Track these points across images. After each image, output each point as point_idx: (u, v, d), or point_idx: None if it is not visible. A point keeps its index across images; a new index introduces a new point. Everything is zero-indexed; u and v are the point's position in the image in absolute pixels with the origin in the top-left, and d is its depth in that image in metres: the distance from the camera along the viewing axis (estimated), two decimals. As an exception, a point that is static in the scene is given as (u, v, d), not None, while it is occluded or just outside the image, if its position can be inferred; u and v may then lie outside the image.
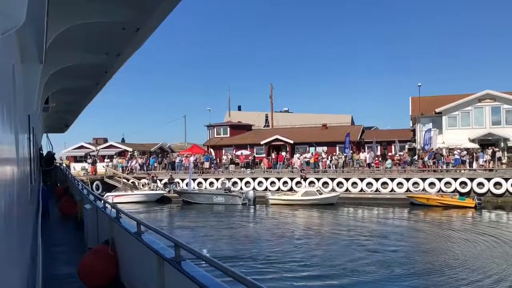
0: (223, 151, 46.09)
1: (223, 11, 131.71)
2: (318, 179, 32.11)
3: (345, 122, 56.64)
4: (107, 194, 33.47)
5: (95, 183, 35.94)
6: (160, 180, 35.77)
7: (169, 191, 34.15)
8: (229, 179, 34.38)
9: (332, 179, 31.69)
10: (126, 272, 5.36)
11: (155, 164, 41.13)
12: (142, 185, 36.01)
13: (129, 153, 47.02)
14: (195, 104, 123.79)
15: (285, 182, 32.90)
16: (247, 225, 23.85)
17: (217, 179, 34.93)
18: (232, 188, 33.10)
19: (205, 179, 35.38)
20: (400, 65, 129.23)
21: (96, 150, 48.78)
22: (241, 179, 34.24)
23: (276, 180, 33.18)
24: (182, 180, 35.88)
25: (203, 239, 20.24)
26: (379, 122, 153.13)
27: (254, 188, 32.97)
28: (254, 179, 33.89)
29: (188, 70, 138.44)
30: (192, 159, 37.36)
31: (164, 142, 58.16)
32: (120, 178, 37.17)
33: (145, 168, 39.62)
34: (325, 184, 31.79)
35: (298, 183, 32.42)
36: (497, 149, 33.27)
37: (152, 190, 34.42)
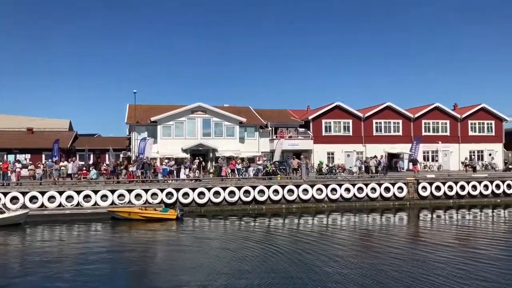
0: None
1: None
2: (6, 194, 26.14)
3: (62, 127, 50.58)
4: None
5: None
6: None
7: None
8: None
9: (24, 194, 26.28)
10: None
11: None
12: None
13: None
14: None
15: (-44, 199, 25.41)
16: None
17: None
18: None
19: None
20: (122, 70, 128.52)
21: None
22: None
23: None
24: None
25: None
26: (103, 129, 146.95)
27: None
28: None
29: None
30: None
31: None
32: None
33: None
34: (14, 199, 26.08)
35: (-23, 199, 25.57)
36: (202, 159, 34.73)
37: None
